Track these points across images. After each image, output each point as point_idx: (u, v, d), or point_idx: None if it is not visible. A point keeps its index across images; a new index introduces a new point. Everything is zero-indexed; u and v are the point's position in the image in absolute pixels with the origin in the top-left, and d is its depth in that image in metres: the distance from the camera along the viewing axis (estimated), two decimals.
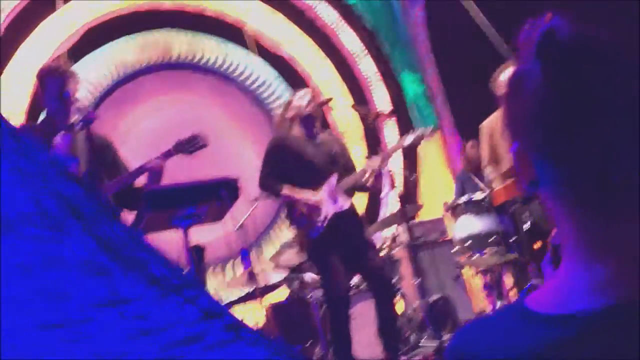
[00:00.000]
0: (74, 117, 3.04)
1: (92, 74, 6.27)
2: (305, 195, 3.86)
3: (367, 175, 3.90)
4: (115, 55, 6.51)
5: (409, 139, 4.16)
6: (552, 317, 0.67)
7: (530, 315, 0.70)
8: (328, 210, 3.86)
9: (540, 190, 0.73)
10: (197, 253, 3.38)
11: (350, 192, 4.00)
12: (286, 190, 3.91)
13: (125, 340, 1.72)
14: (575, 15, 0.72)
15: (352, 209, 3.99)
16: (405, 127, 7.25)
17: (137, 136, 6.45)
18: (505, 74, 4.13)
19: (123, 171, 3.33)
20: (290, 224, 4.07)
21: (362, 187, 4.08)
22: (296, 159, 3.94)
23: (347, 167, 4.06)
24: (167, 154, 3.32)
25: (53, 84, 3.24)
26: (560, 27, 0.69)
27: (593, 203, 0.69)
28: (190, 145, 3.37)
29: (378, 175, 3.90)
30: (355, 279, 5.30)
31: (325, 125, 7.04)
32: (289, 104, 4.10)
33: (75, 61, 6.11)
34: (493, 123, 4.42)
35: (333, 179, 3.93)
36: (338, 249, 3.84)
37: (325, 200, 3.88)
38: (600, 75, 0.67)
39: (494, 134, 4.40)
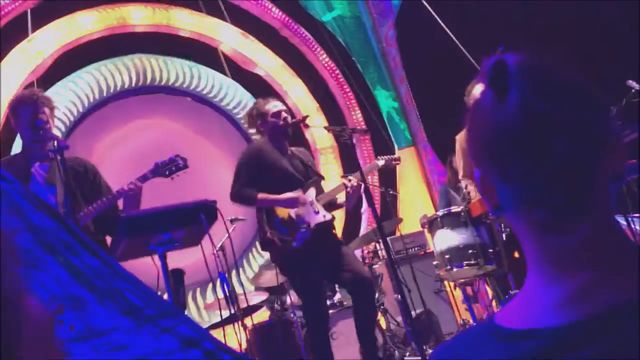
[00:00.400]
0: (50, 145, 3.01)
1: (64, 101, 6.22)
2: (286, 195, 3.79)
3: (343, 191, 3.90)
4: (88, 81, 6.47)
5: (381, 162, 4.23)
6: (518, 332, 0.70)
7: (498, 331, 0.72)
8: (311, 220, 3.82)
9: (504, 213, 0.76)
10: (176, 277, 3.34)
11: (326, 207, 4.00)
12: (263, 195, 3.82)
13: None
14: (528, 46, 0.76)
15: (332, 221, 3.98)
16: (380, 143, 7.31)
17: (112, 162, 6.39)
18: (478, 87, 4.18)
19: (105, 193, 3.29)
20: (271, 231, 3.89)
21: (335, 204, 4.07)
22: (272, 170, 3.88)
23: (317, 181, 4.05)
24: (144, 177, 3.28)
25: (25, 112, 3.17)
26: (510, 59, 0.73)
27: (551, 221, 0.71)
28: (170, 167, 3.34)
29: (351, 194, 3.87)
30: (338, 296, 5.29)
31: (302, 142, 7.08)
32: (264, 114, 4.01)
33: (47, 88, 6.07)
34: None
35: (312, 191, 3.92)
36: (319, 260, 3.80)
37: (307, 210, 3.84)
38: (545, 103, 0.70)
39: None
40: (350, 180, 3.86)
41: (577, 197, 0.70)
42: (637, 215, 5.12)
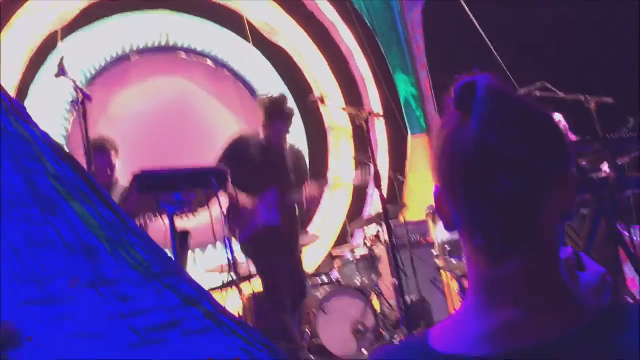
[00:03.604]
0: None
1: (85, 51, 6.25)
2: (242, 199, 4.00)
3: (304, 200, 4.08)
4: (110, 34, 6.49)
5: (357, 178, 4.42)
6: (442, 355, 0.73)
7: (427, 351, 0.76)
8: (260, 219, 4.02)
9: (457, 232, 0.78)
10: (181, 237, 3.41)
11: (291, 208, 4.14)
12: (231, 189, 4.03)
13: (105, 321, 1.76)
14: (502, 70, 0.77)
15: (286, 224, 4.09)
16: (395, 128, 7.31)
17: (128, 118, 6.45)
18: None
19: None
20: (225, 222, 4.18)
21: (300, 209, 4.25)
22: (249, 163, 4.07)
23: (299, 181, 4.19)
24: None
25: (100, 159, 3.68)
26: (480, 82, 0.74)
27: (485, 250, 0.73)
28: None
29: (312, 201, 4.11)
30: (335, 274, 5.37)
31: (317, 119, 7.11)
32: (281, 113, 4.14)
33: (69, 35, 6.09)
34: None
35: (273, 191, 4.04)
36: (273, 249, 4.04)
37: (261, 209, 4.02)
38: (499, 136, 0.71)
39: None
40: (311, 189, 4.10)
41: (512, 232, 0.71)
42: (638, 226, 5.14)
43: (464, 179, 0.72)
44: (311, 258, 6.65)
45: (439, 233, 4.51)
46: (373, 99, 7.60)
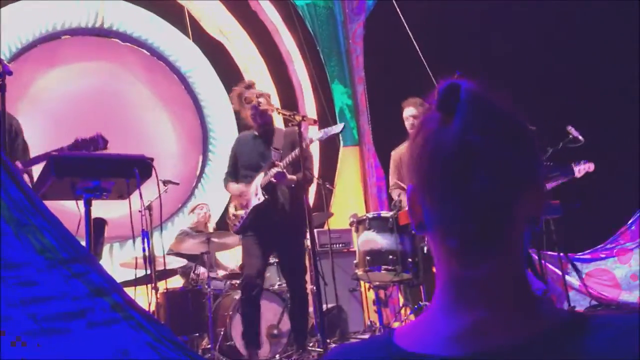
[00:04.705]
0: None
1: (15, 24, 5.95)
2: (235, 189, 4.27)
3: (273, 175, 4.10)
4: (44, 10, 6.22)
5: (316, 135, 4.26)
6: (410, 354, 0.73)
7: (393, 349, 0.75)
8: (250, 203, 4.19)
9: (426, 233, 0.78)
10: (97, 226, 3.28)
11: (268, 187, 4.16)
12: (230, 186, 4.33)
13: (5, 307, 1.67)
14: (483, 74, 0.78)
15: (272, 202, 4.13)
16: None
17: (52, 98, 6.18)
18: (407, 110, 4.42)
19: (20, 156, 3.46)
20: (228, 215, 4.44)
21: (274, 184, 4.19)
22: (243, 156, 4.30)
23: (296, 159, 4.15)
24: (61, 151, 3.24)
25: None
26: (464, 85, 0.75)
27: (459, 252, 0.73)
28: (89, 145, 3.29)
29: (282, 175, 4.07)
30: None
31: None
32: (235, 95, 4.30)
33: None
34: (401, 153, 4.61)
35: (260, 175, 4.18)
36: (258, 234, 4.16)
37: (252, 194, 4.19)
38: (480, 136, 0.72)
39: (401, 164, 4.59)
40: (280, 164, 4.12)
41: (488, 233, 0.72)
42: (552, 252, 5.41)
43: (442, 178, 0.72)
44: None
45: (361, 243, 4.56)
46: (308, 105, 7.63)
